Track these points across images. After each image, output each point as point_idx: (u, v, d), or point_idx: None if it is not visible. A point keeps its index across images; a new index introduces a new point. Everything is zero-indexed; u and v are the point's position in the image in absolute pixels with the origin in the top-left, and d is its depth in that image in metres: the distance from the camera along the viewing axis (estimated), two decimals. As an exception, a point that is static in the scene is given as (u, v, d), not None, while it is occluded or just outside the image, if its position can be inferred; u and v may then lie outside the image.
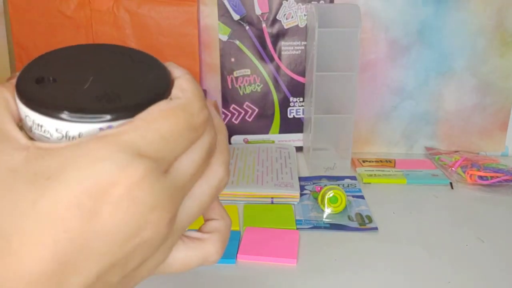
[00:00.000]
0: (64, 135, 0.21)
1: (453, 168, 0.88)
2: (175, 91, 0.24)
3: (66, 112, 0.21)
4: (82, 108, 0.21)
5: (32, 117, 0.22)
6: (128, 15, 0.93)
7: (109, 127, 0.22)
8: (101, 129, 0.21)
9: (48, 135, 0.22)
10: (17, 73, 0.24)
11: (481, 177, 0.84)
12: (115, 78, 0.24)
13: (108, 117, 0.21)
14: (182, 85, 0.24)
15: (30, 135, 0.22)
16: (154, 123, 0.21)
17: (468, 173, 0.85)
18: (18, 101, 0.23)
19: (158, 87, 0.24)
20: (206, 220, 0.29)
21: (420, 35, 0.94)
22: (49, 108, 0.21)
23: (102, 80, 0.23)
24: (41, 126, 0.22)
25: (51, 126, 0.21)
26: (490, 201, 0.79)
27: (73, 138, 0.21)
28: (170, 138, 0.22)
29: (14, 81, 0.23)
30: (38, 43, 0.94)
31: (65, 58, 0.25)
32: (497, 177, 0.83)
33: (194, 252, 0.26)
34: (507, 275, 0.60)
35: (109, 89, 0.23)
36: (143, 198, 0.20)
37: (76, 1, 0.92)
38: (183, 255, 0.26)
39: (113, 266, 0.20)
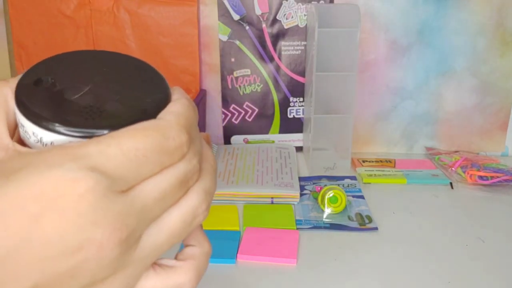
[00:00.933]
0: (39, 140, 0.22)
1: (453, 168, 0.88)
2: (162, 113, 0.23)
3: (39, 117, 0.22)
4: (57, 117, 0.22)
5: (18, 116, 0.23)
6: (128, 15, 0.93)
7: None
8: (70, 142, 0.22)
9: (28, 136, 0.22)
10: (25, 71, 0.24)
11: (481, 177, 0.84)
12: (110, 91, 0.24)
13: (82, 131, 0.22)
14: (171, 107, 0.23)
15: (20, 133, 0.23)
16: (118, 140, 0.21)
17: (468, 173, 0.85)
18: (16, 109, 0.23)
19: (147, 110, 0.23)
20: (184, 247, 0.27)
21: (420, 35, 0.94)
22: (27, 110, 0.22)
23: (96, 92, 0.23)
24: (24, 127, 0.22)
25: (29, 128, 0.22)
26: (490, 201, 0.79)
27: (46, 144, 0.22)
28: (133, 157, 0.21)
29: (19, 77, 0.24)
30: (38, 43, 0.94)
31: (73, 63, 0.25)
32: (497, 177, 0.83)
33: (165, 281, 0.24)
34: (507, 275, 0.60)
35: (96, 104, 0.23)
36: (87, 212, 0.19)
37: (76, 1, 0.92)
38: (152, 284, 0.24)
39: (54, 278, 0.20)
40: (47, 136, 0.22)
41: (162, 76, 0.25)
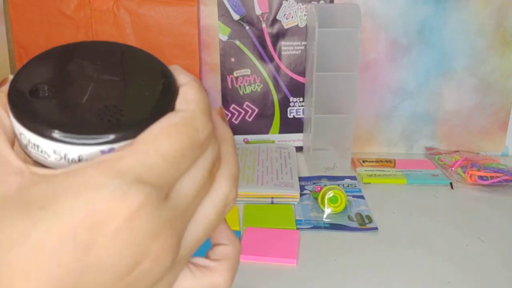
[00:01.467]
0: (63, 157, 0.20)
1: (453, 168, 0.88)
2: (179, 102, 0.22)
3: (60, 133, 0.19)
4: (79, 128, 0.20)
5: (27, 135, 0.20)
6: (128, 15, 0.92)
7: (111, 149, 0.20)
8: (102, 151, 0.20)
9: (46, 156, 0.20)
10: (10, 78, 0.22)
11: (481, 177, 0.84)
12: (116, 86, 0.22)
13: (110, 137, 0.20)
14: (187, 94, 0.22)
15: (26, 152, 0.21)
16: (155, 145, 0.20)
17: (468, 173, 0.85)
18: (11, 115, 0.20)
19: (163, 98, 0.21)
20: (214, 245, 0.26)
21: (420, 35, 0.94)
22: (43, 128, 0.19)
23: (102, 90, 0.21)
24: (38, 146, 0.20)
25: (48, 147, 0.20)
26: (490, 201, 0.79)
27: (72, 160, 0.20)
28: (173, 159, 0.20)
29: (6, 88, 0.21)
30: (38, 43, 0.94)
31: (63, 60, 0.22)
32: (497, 177, 0.83)
33: (201, 282, 0.24)
34: (507, 275, 0.60)
35: (110, 102, 0.21)
36: (143, 228, 0.18)
37: (76, 0, 0.92)
38: (189, 283, 0.24)
39: None
40: (72, 151, 0.19)
41: (158, 59, 0.24)
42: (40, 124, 0.19)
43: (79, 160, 0.20)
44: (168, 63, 0.24)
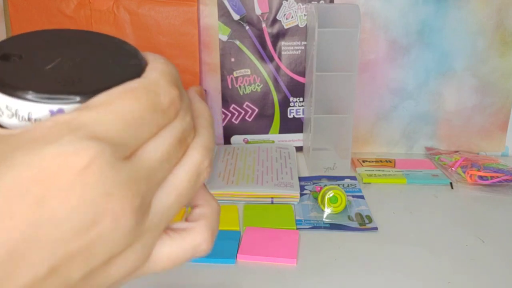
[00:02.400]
0: (14, 113, 0.21)
1: (453, 168, 0.88)
2: (145, 73, 0.22)
3: (12, 87, 0.20)
4: (31, 85, 0.20)
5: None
6: (128, 15, 0.92)
7: (59, 110, 0.20)
8: (51, 111, 0.20)
9: (1, 113, 0.21)
10: None
11: (481, 177, 0.84)
12: (83, 62, 0.23)
13: (59, 97, 0.20)
14: (152, 66, 0.23)
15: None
16: (111, 105, 0.20)
17: (468, 173, 0.85)
18: None
19: (128, 72, 0.22)
20: (192, 208, 0.27)
21: (420, 35, 0.94)
22: (3, 84, 0.20)
23: (69, 63, 0.22)
24: (9, 105, 0.21)
25: (2, 102, 0.21)
26: (490, 201, 0.79)
27: (23, 118, 0.21)
28: (131, 120, 0.20)
29: None
30: (38, 43, 0.94)
31: (37, 39, 0.24)
32: (497, 177, 0.83)
33: (181, 244, 0.24)
34: (507, 275, 0.60)
35: (72, 72, 0.22)
36: (96, 184, 0.18)
37: (76, 0, 0.92)
38: (169, 249, 0.24)
39: (69, 258, 0.19)
40: (22, 108, 0.20)
41: (134, 47, 0.24)
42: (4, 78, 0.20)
43: (29, 118, 0.20)
44: None
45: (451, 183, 0.84)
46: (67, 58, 0.23)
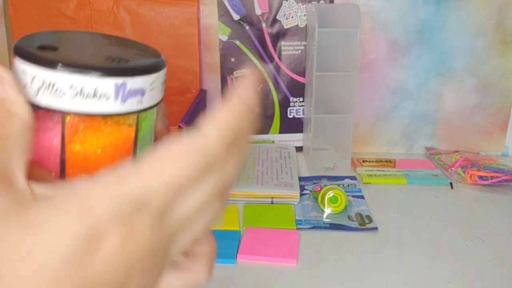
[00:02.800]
0: (79, 91, 0.21)
1: (453, 168, 0.88)
2: (205, 123, 0.21)
3: (78, 65, 0.21)
4: (97, 63, 0.21)
5: (42, 76, 0.21)
6: (128, 15, 0.92)
7: (124, 84, 0.21)
8: (116, 85, 0.21)
9: (60, 94, 0.21)
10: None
11: (481, 177, 0.84)
12: (116, 48, 0.24)
13: (124, 71, 0.21)
14: (216, 116, 0.21)
15: (34, 103, 0.21)
16: (159, 171, 0.20)
17: (468, 173, 0.85)
18: (22, 64, 0.21)
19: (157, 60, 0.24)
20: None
21: (420, 35, 0.94)
22: (64, 63, 0.21)
23: (104, 49, 0.23)
24: (53, 85, 0.21)
25: (65, 83, 0.21)
26: (490, 201, 0.79)
27: (88, 95, 0.21)
28: (177, 186, 0.20)
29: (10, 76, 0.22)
30: (38, 43, 0.94)
31: (59, 34, 0.25)
32: (497, 177, 0.83)
33: (182, 280, 0.26)
34: (507, 275, 0.60)
35: (114, 55, 0.23)
36: (137, 250, 0.19)
37: (76, 1, 0.92)
38: (170, 282, 0.25)
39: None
40: (89, 84, 0.21)
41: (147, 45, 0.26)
42: (57, 59, 0.21)
43: (94, 94, 0.21)
44: (168, 63, 0.25)
45: (451, 183, 0.84)
46: (100, 45, 0.24)
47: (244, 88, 0.22)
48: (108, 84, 0.21)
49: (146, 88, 0.22)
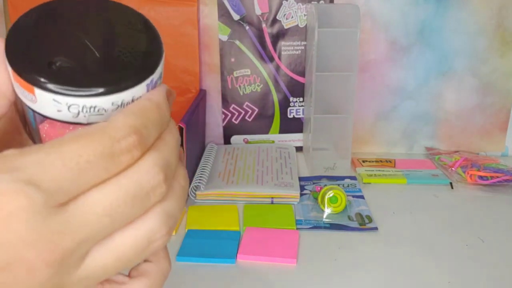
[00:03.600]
0: (120, 104, 0.22)
1: (453, 168, 0.88)
2: (112, 116, 0.21)
3: (122, 85, 0.22)
4: (123, 74, 0.22)
5: (81, 103, 0.21)
6: (128, 15, 0.92)
7: (152, 80, 0.23)
8: (147, 85, 0.23)
9: (103, 112, 0.22)
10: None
11: (481, 177, 0.84)
12: (112, 39, 0.24)
13: (149, 73, 0.23)
14: (128, 107, 0.22)
15: (75, 122, 0.22)
16: (60, 147, 0.19)
17: (468, 173, 0.85)
18: (48, 94, 0.21)
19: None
20: (143, 261, 0.25)
21: (420, 35, 0.94)
22: (98, 87, 0.21)
23: (109, 46, 0.23)
24: (94, 107, 0.21)
25: (106, 103, 0.21)
26: (490, 201, 0.79)
27: (128, 103, 0.22)
28: (75, 165, 0.19)
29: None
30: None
31: (49, 26, 0.24)
32: (497, 177, 0.83)
33: None
34: (507, 275, 0.60)
35: (119, 47, 0.23)
36: (19, 230, 0.18)
37: (76, 1, 0.92)
38: None
39: None
40: (127, 96, 0.22)
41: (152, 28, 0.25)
42: (94, 83, 0.21)
43: (133, 100, 0.22)
44: (168, 63, 0.25)
45: (451, 183, 0.84)
46: (94, 37, 0.23)
47: (153, 91, 0.23)
48: (141, 89, 0.22)
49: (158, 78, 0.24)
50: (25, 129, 0.26)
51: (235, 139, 1.01)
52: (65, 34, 0.23)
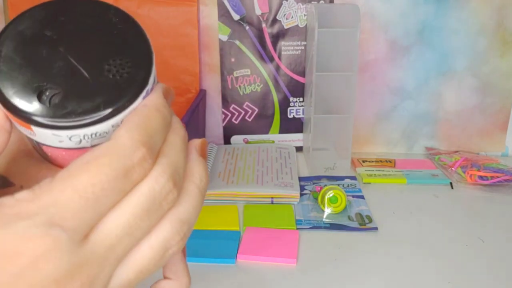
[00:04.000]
0: (120, 123, 0.21)
1: (453, 168, 0.88)
2: (114, 133, 0.20)
3: (112, 106, 0.21)
4: (118, 93, 0.21)
5: (82, 133, 0.21)
6: (128, 15, 0.92)
7: (147, 91, 0.22)
8: (143, 97, 0.22)
9: (105, 135, 0.21)
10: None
11: (481, 177, 0.84)
12: (98, 52, 0.22)
13: (144, 85, 0.22)
14: (128, 120, 0.21)
15: (76, 147, 0.22)
16: (72, 181, 0.19)
17: (468, 173, 0.85)
18: (47, 130, 0.21)
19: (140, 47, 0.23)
20: (164, 278, 0.25)
21: (420, 35, 0.94)
22: (105, 111, 0.21)
23: (97, 63, 0.22)
24: (96, 133, 0.21)
25: (106, 127, 0.21)
26: (490, 201, 0.79)
27: (121, 122, 0.21)
28: (91, 195, 0.19)
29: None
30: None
31: (23, 47, 0.22)
32: (497, 177, 0.83)
33: None
34: (507, 275, 0.60)
35: (106, 59, 0.21)
36: (50, 273, 0.18)
37: (76, 1, 0.92)
38: None
39: None
40: (128, 113, 0.21)
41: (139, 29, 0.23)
42: (90, 111, 0.20)
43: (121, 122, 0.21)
44: (168, 63, 0.24)
45: (451, 183, 0.84)
46: (74, 50, 0.22)
47: (149, 96, 0.22)
48: (138, 101, 0.22)
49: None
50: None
51: (235, 139, 1.01)
52: (48, 55, 0.21)
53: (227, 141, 1.01)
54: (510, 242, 0.67)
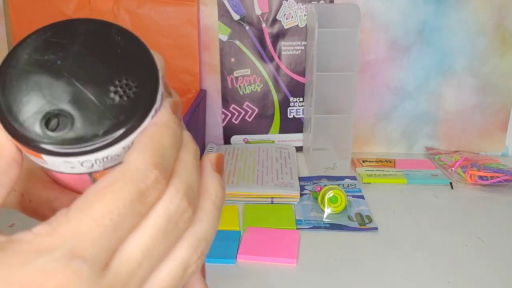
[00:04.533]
0: (130, 145, 0.21)
1: (453, 168, 0.88)
2: (126, 155, 0.20)
3: (128, 129, 0.21)
4: (131, 113, 0.21)
5: (92, 158, 0.21)
6: (128, 15, 0.93)
7: (156, 110, 0.21)
8: (152, 116, 0.21)
9: (116, 157, 0.21)
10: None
11: (481, 177, 0.84)
12: (103, 73, 0.21)
13: (151, 104, 0.21)
14: (139, 141, 0.21)
15: (88, 173, 0.22)
16: (88, 210, 0.19)
17: (468, 173, 0.85)
18: (59, 158, 0.21)
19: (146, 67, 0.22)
20: None
21: (420, 35, 0.94)
22: (114, 134, 0.20)
23: (103, 85, 0.21)
24: (107, 157, 0.21)
25: (117, 149, 0.21)
26: (490, 201, 0.79)
27: (132, 143, 0.21)
28: (109, 222, 0.19)
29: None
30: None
31: (35, 69, 0.21)
32: (497, 177, 0.83)
33: None
34: (507, 275, 0.60)
35: (109, 80, 0.21)
36: None
37: (76, 1, 0.92)
38: None
39: None
40: (131, 138, 0.21)
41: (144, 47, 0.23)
42: (100, 135, 0.20)
43: (132, 143, 0.21)
44: (168, 63, 0.24)
45: (451, 183, 0.84)
46: (97, 79, 0.21)
47: (158, 114, 0.22)
48: (148, 121, 0.21)
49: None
50: None
51: (235, 139, 1.01)
52: (53, 81, 0.21)
53: (227, 141, 1.01)
54: (510, 242, 0.67)
